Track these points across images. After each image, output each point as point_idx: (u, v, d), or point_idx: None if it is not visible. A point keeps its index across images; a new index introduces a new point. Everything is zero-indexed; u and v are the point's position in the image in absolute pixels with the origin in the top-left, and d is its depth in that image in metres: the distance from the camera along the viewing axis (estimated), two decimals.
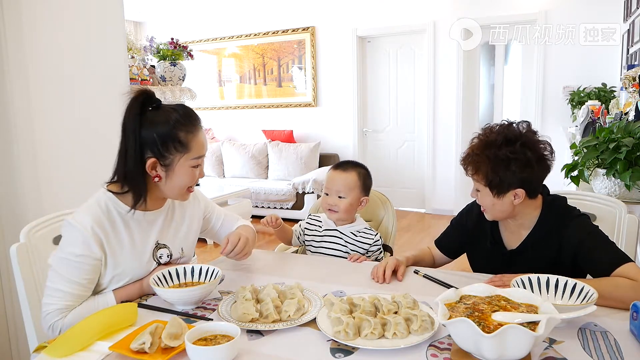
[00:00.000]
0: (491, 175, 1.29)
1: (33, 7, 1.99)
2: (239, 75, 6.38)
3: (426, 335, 0.97)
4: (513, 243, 1.42)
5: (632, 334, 0.98)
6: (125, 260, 1.25)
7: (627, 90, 3.06)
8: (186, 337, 0.91)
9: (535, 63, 4.74)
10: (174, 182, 1.25)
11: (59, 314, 1.16)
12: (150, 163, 1.21)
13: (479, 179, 1.33)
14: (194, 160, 1.25)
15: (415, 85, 5.42)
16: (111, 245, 1.22)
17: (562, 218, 1.34)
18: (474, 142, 1.36)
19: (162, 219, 1.35)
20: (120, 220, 1.25)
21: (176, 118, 1.22)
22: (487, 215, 1.39)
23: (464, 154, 1.37)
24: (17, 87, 1.92)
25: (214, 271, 1.27)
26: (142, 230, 1.30)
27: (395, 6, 5.29)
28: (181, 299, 1.17)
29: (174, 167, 1.23)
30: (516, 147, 1.28)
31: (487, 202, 1.35)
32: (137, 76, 3.39)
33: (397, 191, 5.53)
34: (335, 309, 1.05)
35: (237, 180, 5.76)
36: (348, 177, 1.66)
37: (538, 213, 1.37)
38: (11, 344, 2.01)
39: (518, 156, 1.27)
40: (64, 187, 2.10)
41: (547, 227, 1.34)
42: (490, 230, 1.45)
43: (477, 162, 1.32)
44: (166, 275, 1.26)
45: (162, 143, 1.20)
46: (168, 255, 1.35)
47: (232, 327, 0.97)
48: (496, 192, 1.31)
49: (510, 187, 1.29)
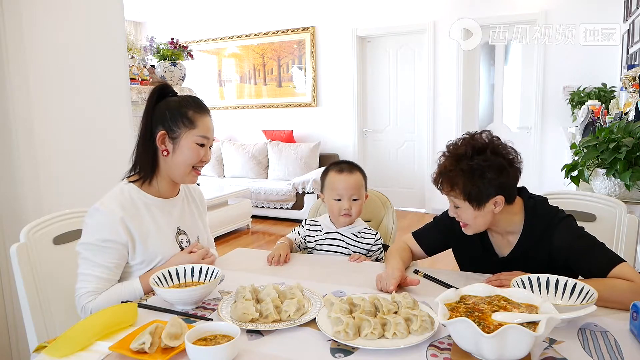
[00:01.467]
0: (469, 187, 1.26)
1: (33, 7, 1.99)
2: (239, 75, 6.39)
3: (426, 335, 0.97)
4: (504, 250, 1.40)
5: (632, 334, 0.98)
6: (153, 243, 1.35)
7: (627, 90, 3.06)
8: (186, 337, 0.91)
9: (535, 63, 4.75)
10: (180, 158, 1.36)
11: (89, 296, 1.25)
12: (160, 135, 1.35)
13: (456, 195, 1.30)
14: (199, 137, 1.36)
15: (415, 85, 5.42)
16: (138, 229, 1.32)
17: (549, 221, 1.32)
18: (441, 161, 1.34)
19: (180, 207, 1.47)
20: (143, 206, 1.36)
21: (187, 100, 1.40)
22: (468, 230, 1.35)
23: (435, 174, 1.34)
24: (17, 87, 1.92)
25: (214, 271, 1.27)
26: (163, 216, 1.40)
27: (395, 6, 5.29)
28: (181, 299, 1.17)
29: (180, 141, 1.35)
30: (487, 155, 1.27)
31: (468, 216, 1.31)
32: (137, 76, 3.39)
33: (397, 191, 5.54)
34: (335, 309, 1.05)
35: (237, 180, 5.76)
36: (356, 179, 1.65)
37: (521, 218, 1.35)
38: (11, 344, 2.01)
39: (491, 163, 1.26)
40: (64, 187, 2.10)
41: (535, 232, 1.33)
42: (479, 238, 1.43)
43: (452, 177, 1.29)
44: (166, 275, 1.26)
45: (171, 117, 1.35)
46: (187, 241, 1.45)
47: (232, 327, 0.97)
48: (476, 204, 1.28)
49: (489, 196, 1.27)
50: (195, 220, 1.52)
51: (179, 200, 1.47)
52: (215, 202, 4.52)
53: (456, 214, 1.35)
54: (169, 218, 1.42)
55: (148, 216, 1.36)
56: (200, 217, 1.57)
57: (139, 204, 1.35)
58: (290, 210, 5.28)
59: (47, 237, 1.42)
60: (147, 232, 1.34)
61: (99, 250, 1.27)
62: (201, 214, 1.59)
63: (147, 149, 1.37)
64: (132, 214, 1.32)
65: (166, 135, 1.35)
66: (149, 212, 1.36)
